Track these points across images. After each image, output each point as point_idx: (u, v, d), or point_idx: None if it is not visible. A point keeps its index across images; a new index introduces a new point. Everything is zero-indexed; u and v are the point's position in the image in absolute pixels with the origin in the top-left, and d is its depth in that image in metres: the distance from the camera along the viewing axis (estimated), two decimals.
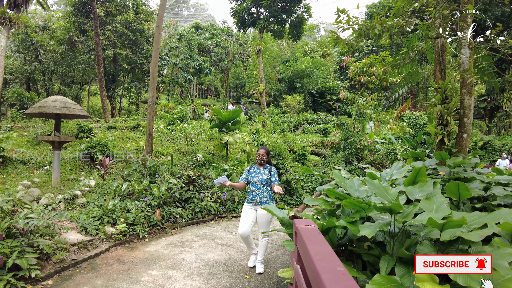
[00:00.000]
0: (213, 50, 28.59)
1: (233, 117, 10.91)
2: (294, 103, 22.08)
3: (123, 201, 6.83)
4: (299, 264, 2.86)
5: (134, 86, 22.67)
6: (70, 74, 23.91)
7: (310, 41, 47.32)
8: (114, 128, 13.77)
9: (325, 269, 1.78)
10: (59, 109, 7.85)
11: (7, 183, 8.47)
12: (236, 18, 24.44)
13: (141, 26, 21.53)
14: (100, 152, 9.85)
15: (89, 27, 20.23)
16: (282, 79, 29.28)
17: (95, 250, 5.65)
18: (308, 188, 10.79)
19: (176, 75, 23.92)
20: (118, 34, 20.29)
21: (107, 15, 20.41)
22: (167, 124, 14.49)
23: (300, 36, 25.97)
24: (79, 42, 20.22)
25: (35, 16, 25.10)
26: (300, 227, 2.70)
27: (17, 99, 17.19)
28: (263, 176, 5.02)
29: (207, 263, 5.34)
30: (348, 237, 3.48)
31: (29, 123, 14.45)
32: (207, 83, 36.10)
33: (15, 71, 22.45)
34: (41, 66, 22.25)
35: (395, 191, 3.50)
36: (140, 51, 21.70)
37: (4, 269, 4.27)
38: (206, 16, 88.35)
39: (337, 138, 12.38)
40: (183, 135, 10.83)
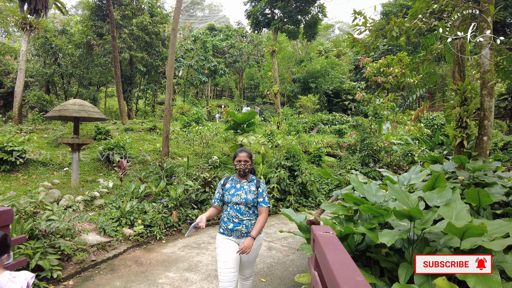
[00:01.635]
0: (227, 51, 28.72)
1: (248, 119, 10.94)
2: (309, 103, 21.97)
3: (141, 203, 6.94)
4: (317, 271, 2.86)
5: (150, 88, 22.99)
6: (88, 77, 24.39)
7: (325, 41, 47.02)
8: (131, 130, 13.99)
9: (345, 279, 1.78)
10: (78, 112, 8.03)
11: (29, 184, 8.71)
12: (250, 20, 24.50)
13: (157, 29, 21.82)
14: (118, 154, 10.03)
15: (106, 30, 20.62)
16: (296, 80, 29.20)
17: (114, 252, 5.76)
18: (323, 190, 10.73)
19: (191, 77, 24.13)
20: (134, 37, 20.61)
21: (123, 18, 20.76)
22: (183, 126, 14.63)
23: (315, 36, 25.85)
24: (96, 45, 20.64)
25: (54, 20, 25.69)
26: (318, 234, 2.69)
27: (37, 101, 17.64)
28: (249, 194, 3.25)
29: None
30: (366, 243, 3.45)
31: (48, 125, 14.82)
32: (221, 84, 36.30)
33: (35, 74, 23.04)
34: (60, 69, 22.79)
35: (415, 197, 3.45)
36: (155, 53, 21.98)
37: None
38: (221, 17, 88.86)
39: (353, 139, 12.27)
40: (199, 137, 10.93)
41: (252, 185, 3.27)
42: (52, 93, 23.74)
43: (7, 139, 9.46)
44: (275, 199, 9.31)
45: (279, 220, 8.65)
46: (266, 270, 5.24)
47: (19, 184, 8.67)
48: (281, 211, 3.77)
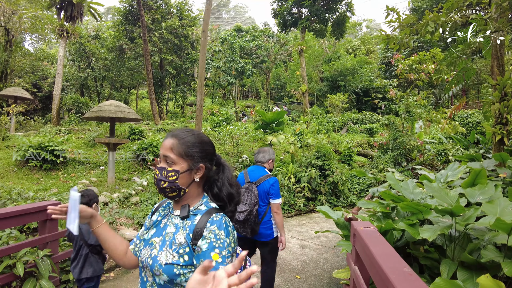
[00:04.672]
0: (254, 52, 28.93)
1: (277, 118, 11.00)
2: (338, 102, 21.74)
3: None
4: (357, 265, 2.88)
5: (180, 89, 23.52)
6: (119, 79, 25.28)
7: (352, 39, 46.34)
8: (163, 130, 14.40)
9: (393, 270, 1.81)
10: (114, 113, 8.35)
11: (68, 181, 9.15)
12: (277, 19, 24.58)
13: (185, 32, 22.30)
14: (151, 153, 10.35)
15: (136, 34, 21.29)
16: (324, 78, 28.98)
17: None
18: (354, 190, 10.62)
19: (219, 78, 24.49)
20: (164, 40, 21.15)
21: (153, 22, 21.36)
22: (213, 126, 14.90)
23: (343, 34, 25.59)
24: (128, 49, 21.35)
25: (87, 26, 26.81)
26: (360, 229, 2.72)
27: (74, 104, 18.48)
28: (165, 250, 1.30)
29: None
30: (405, 239, 3.43)
31: (84, 126, 15.49)
32: (248, 85, 36.56)
33: (70, 78, 24.13)
34: (93, 73, 23.78)
35: (454, 193, 3.40)
36: (185, 55, 22.46)
37: None
38: (246, 19, 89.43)
39: (385, 138, 12.05)
40: (229, 137, 11.10)
41: (184, 228, 1.32)
42: (86, 96, 24.79)
43: (48, 140, 9.99)
44: (306, 198, 9.31)
45: (310, 219, 8.65)
46: (300, 267, 5.27)
47: (59, 181, 9.14)
48: (317, 207, 3.80)
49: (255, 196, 3.43)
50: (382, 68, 31.34)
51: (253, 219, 3.37)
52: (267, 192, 3.50)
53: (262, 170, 3.67)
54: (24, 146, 9.74)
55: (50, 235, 3.89)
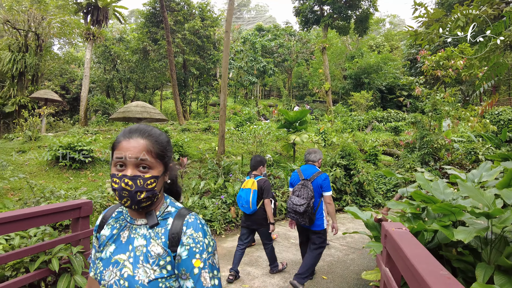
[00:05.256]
0: (276, 51, 28.88)
1: (300, 117, 10.94)
2: (362, 100, 21.36)
3: (201, 199, 7.24)
4: (388, 267, 2.83)
5: (203, 90, 23.78)
6: (143, 81, 25.85)
7: (376, 35, 45.47)
8: (187, 130, 14.62)
9: (429, 272, 1.76)
10: (140, 113, 8.57)
11: (96, 180, 9.43)
12: (299, 17, 24.43)
13: (208, 32, 22.54)
14: (177, 153, 10.52)
15: (160, 36, 21.68)
16: (347, 76, 28.60)
17: None
18: (380, 190, 10.42)
19: (241, 78, 24.59)
20: (187, 41, 21.45)
21: (176, 23, 21.68)
22: (236, 125, 14.99)
23: (366, 31, 25.18)
24: (152, 51, 21.78)
25: (112, 29, 27.54)
26: (391, 230, 2.66)
27: (100, 105, 19.02)
28: (142, 266, 1.12)
29: (283, 261, 5.44)
30: (437, 241, 3.34)
31: (111, 126, 15.91)
32: (269, 84, 36.54)
33: (97, 80, 24.87)
34: (118, 75, 24.42)
35: (489, 194, 3.28)
36: (207, 56, 22.70)
37: None
38: (267, 18, 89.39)
39: (411, 137, 11.76)
40: (252, 136, 11.14)
41: (158, 237, 1.16)
42: (111, 97, 25.48)
43: (76, 140, 10.33)
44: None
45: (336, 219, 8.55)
46: (327, 268, 5.22)
47: (88, 180, 9.43)
48: (346, 208, 3.75)
49: (311, 191, 4.11)
50: (406, 64, 30.62)
51: (310, 211, 4.08)
52: (320, 186, 4.17)
53: (313, 168, 4.36)
54: (55, 146, 10.12)
55: (82, 233, 4.02)
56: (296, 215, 4.14)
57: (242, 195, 4.63)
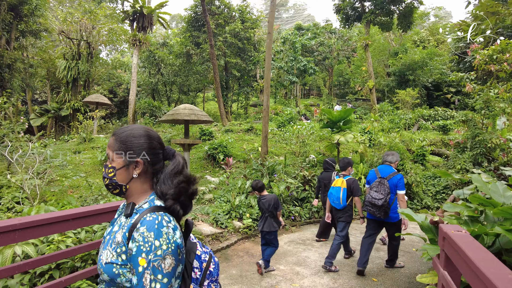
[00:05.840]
0: (316, 49, 28.60)
1: (344, 117, 10.78)
2: (408, 98, 20.56)
3: (246, 198, 7.40)
4: (447, 270, 2.78)
5: (243, 91, 24.09)
6: (187, 84, 26.62)
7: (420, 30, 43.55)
8: (230, 131, 14.92)
9: (496, 276, 1.74)
10: (188, 115, 8.86)
11: None
12: (339, 15, 24.04)
13: (248, 34, 22.80)
14: (221, 153, 10.79)
15: (202, 39, 22.25)
16: (391, 73, 27.68)
17: (226, 242, 6.25)
18: (429, 191, 10.02)
19: (281, 78, 24.63)
20: (228, 44, 21.83)
21: (217, 26, 22.14)
22: (278, 126, 15.06)
23: (411, 26, 24.25)
24: (195, 54, 22.40)
25: (156, 35, 28.62)
26: (450, 233, 2.62)
27: (147, 107, 19.86)
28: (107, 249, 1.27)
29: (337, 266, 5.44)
30: (498, 246, 3.21)
31: (158, 128, 16.58)
32: (309, 83, 36.24)
33: (142, 84, 25.99)
34: (162, 78, 25.37)
35: None
36: (248, 58, 22.96)
37: None
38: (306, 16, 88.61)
39: (461, 136, 11.19)
40: (295, 136, 11.16)
41: (123, 227, 1.29)
42: (156, 99, 26.51)
43: None
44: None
45: None
46: (376, 270, 5.16)
47: None
48: (399, 210, 3.70)
49: (387, 188, 4.68)
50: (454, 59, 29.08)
51: (386, 205, 4.64)
52: (395, 185, 4.75)
53: (390, 168, 4.94)
54: None
55: None
56: (373, 208, 4.71)
57: (333, 193, 5.30)
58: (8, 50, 16.09)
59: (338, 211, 5.26)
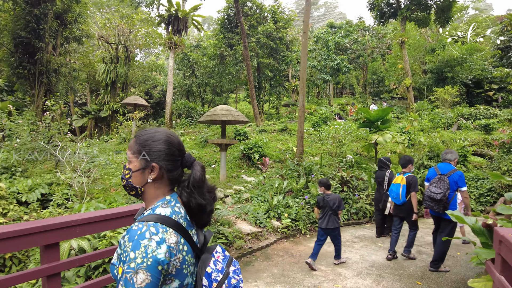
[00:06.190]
0: (350, 47, 28.14)
1: (382, 116, 10.58)
2: (447, 96, 19.77)
3: (284, 198, 7.44)
4: (503, 275, 2.70)
5: (276, 91, 24.14)
6: (220, 85, 27.03)
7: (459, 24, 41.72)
8: (264, 131, 15.03)
9: None
10: (226, 116, 9.04)
11: None
12: (373, 12, 23.53)
13: (280, 34, 22.81)
14: (256, 153, 10.90)
15: (235, 41, 22.50)
16: (428, 70, 26.73)
17: (266, 241, 6.33)
18: (472, 194, 9.61)
19: (313, 77, 24.46)
20: (261, 44, 21.95)
21: (250, 27, 22.30)
22: (312, 125, 14.99)
23: (449, 21, 23.31)
24: (228, 56, 22.70)
25: (189, 37, 29.26)
26: (509, 236, 2.55)
27: (184, 109, 20.37)
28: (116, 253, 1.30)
29: (373, 264, 5.39)
30: None
31: (194, 128, 16.99)
32: (342, 81, 35.71)
33: (177, 86, 26.64)
34: (196, 80, 25.90)
35: None
36: (281, 57, 22.97)
37: None
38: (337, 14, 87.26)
39: (507, 136, 10.66)
40: (331, 136, 11.07)
41: None
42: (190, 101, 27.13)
43: None
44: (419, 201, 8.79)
45: (424, 224, 8.17)
46: (420, 273, 5.06)
47: None
48: (448, 212, 3.63)
49: (446, 184, 4.82)
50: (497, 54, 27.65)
51: (445, 200, 4.77)
52: (455, 182, 4.87)
53: (450, 165, 5.05)
54: None
55: None
56: (432, 202, 4.86)
57: (393, 189, 5.62)
58: (55, 55, 17.00)
59: (398, 206, 5.58)
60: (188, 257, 1.22)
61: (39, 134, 10.46)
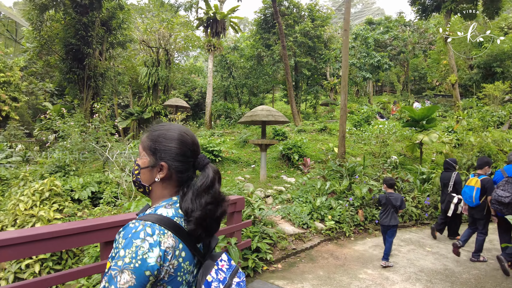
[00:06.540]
0: (390, 43, 27.26)
1: (428, 115, 10.15)
2: (497, 92, 18.57)
3: (326, 200, 7.37)
4: None
5: (313, 90, 23.92)
6: (256, 85, 27.20)
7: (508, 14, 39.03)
8: (303, 131, 14.94)
9: None
10: (266, 117, 9.10)
11: (226, 178, 10.34)
12: (415, 6, 22.58)
13: (318, 32, 22.55)
14: (296, 153, 10.87)
15: (272, 41, 22.52)
16: (474, 65, 25.30)
17: (309, 243, 6.30)
18: None
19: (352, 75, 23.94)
20: (298, 43, 21.81)
21: (287, 27, 22.23)
22: (353, 125, 14.69)
23: (499, 12, 21.89)
24: (265, 56, 22.77)
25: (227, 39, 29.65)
26: None
27: (223, 109, 20.73)
28: None
29: (422, 269, 5.21)
30: None
31: (233, 129, 17.22)
32: (382, 79, 34.65)
33: (215, 87, 27.14)
34: (234, 81, 26.24)
35: None
36: (318, 56, 22.72)
37: (250, 250, 5.27)
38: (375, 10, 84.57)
39: None
40: (375, 136, 10.78)
41: None
42: (228, 101, 27.52)
43: (207, 141, 11.53)
44: None
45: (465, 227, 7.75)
46: (474, 281, 4.83)
47: None
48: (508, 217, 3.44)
49: None
50: None
51: None
52: None
53: None
54: None
55: (236, 226, 4.53)
56: (500, 205, 4.78)
57: (466, 191, 5.53)
58: (101, 60, 17.91)
59: (472, 209, 5.54)
60: (185, 264, 1.15)
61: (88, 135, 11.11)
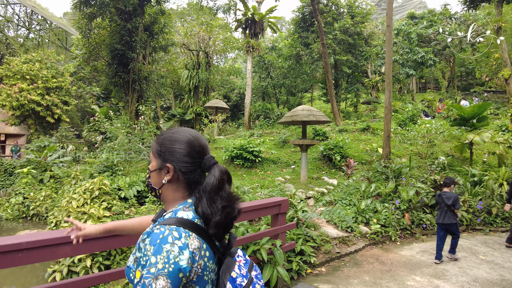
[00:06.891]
0: (434, 38, 26.00)
1: (478, 113, 9.58)
2: None
3: (371, 202, 7.17)
4: None
5: (354, 88, 23.40)
6: (294, 85, 27.06)
7: None
8: (345, 130, 14.64)
9: None
10: (307, 116, 9.02)
11: (266, 178, 10.38)
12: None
13: (358, 29, 22.03)
14: (338, 154, 10.67)
15: (311, 39, 22.27)
16: None
17: (354, 247, 6.17)
18: None
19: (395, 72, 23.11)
20: (338, 41, 21.43)
21: (326, 25, 21.89)
22: (398, 124, 14.18)
23: None
24: (304, 55, 22.58)
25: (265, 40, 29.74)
26: None
27: (262, 110, 20.85)
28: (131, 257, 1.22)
29: (476, 279, 4.93)
30: None
31: (272, 129, 17.24)
32: (426, 75, 33.12)
33: (253, 88, 27.33)
34: (272, 81, 26.28)
35: None
36: (359, 53, 22.19)
37: (294, 253, 5.25)
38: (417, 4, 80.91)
39: None
40: (421, 136, 10.32)
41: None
42: (266, 101, 27.59)
43: (247, 142, 11.64)
44: None
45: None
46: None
47: (259, 178, 10.47)
48: None
49: None
50: None
51: None
52: None
53: None
54: (230, 147, 11.71)
55: (280, 227, 4.53)
56: None
57: None
58: (145, 64, 18.65)
59: None
60: (209, 263, 1.17)
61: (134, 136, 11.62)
